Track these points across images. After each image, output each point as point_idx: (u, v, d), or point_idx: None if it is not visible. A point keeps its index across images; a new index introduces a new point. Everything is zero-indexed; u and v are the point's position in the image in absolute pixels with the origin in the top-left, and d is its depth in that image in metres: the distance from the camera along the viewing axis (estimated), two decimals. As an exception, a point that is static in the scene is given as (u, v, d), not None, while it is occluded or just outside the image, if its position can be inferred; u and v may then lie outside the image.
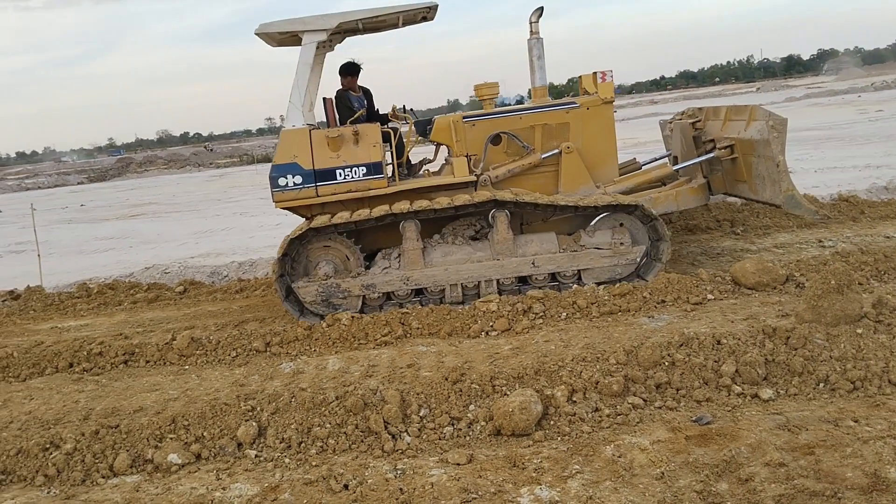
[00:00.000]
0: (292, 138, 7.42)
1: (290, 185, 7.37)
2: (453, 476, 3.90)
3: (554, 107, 7.86)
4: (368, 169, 7.36)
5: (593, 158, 7.84)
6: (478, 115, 7.88)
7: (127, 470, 4.43)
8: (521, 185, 7.72)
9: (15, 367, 6.57)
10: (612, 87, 7.90)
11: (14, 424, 5.25)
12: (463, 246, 7.35)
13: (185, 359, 6.47)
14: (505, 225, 7.17)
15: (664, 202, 7.78)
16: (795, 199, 7.05)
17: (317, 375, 5.58)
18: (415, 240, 7.20)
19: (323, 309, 7.28)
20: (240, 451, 4.53)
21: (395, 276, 7.21)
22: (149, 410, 5.22)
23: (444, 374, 4.98)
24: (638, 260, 7.18)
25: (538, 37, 7.99)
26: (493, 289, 7.20)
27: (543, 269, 7.20)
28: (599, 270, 7.19)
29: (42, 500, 4.20)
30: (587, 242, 7.23)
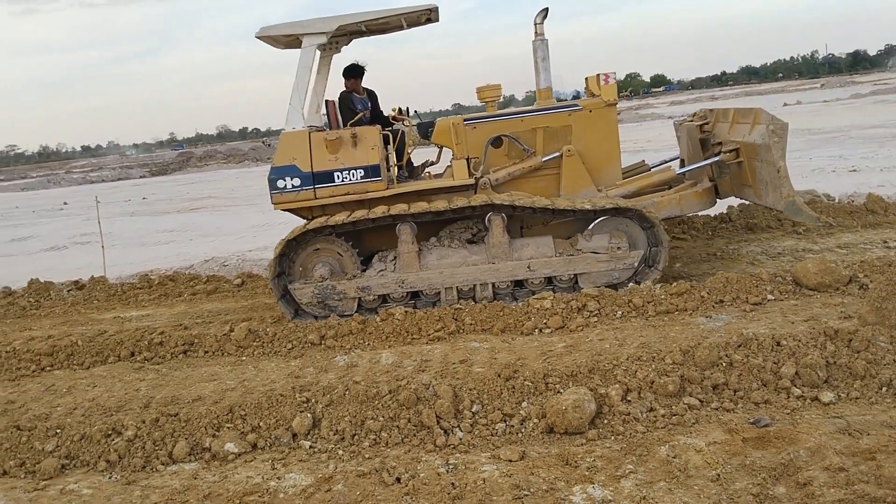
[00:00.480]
0: (291, 141, 7.46)
1: (289, 188, 7.42)
2: (505, 472, 3.90)
3: (556, 109, 7.80)
4: (366, 171, 7.36)
5: (596, 161, 7.74)
6: (479, 118, 7.83)
7: (185, 457, 4.53)
8: (522, 189, 7.65)
9: (79, 355, 6.77)
10: (615, 89, 7.80)
11: (78, 411, 5.42)
12: (459, 249, 7.35)
13: (242, 350, 6.58)
14: (500, 228, 7.16)
15: (667, 206, 7.65)
16: (796, 205, 6.88)
17: (370, 369, 5.62)
18: (410, 242, 7.22)
19: (319, 310, 7.37)
20: (294, 441, 4.59)
21: (391, 278, 7.25)
22: (207, 400, 5.33)
23: (496, 370, 4.97)
24: (636, 265, 7.11)
25: (543, 38, 7.91)
26: (488, 292, 7.21)
27: (539, 274, 7.18)
28: (596, 275, 7.15)
29: (104, 484, 4.32)
30: (584, 247, 7.17)
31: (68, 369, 6.60)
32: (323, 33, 7.48)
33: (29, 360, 6.75)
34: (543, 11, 7.89)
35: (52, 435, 4.83)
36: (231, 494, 4.00)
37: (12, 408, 5.67)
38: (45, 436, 4.83)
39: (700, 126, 8.20)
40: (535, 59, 7.96)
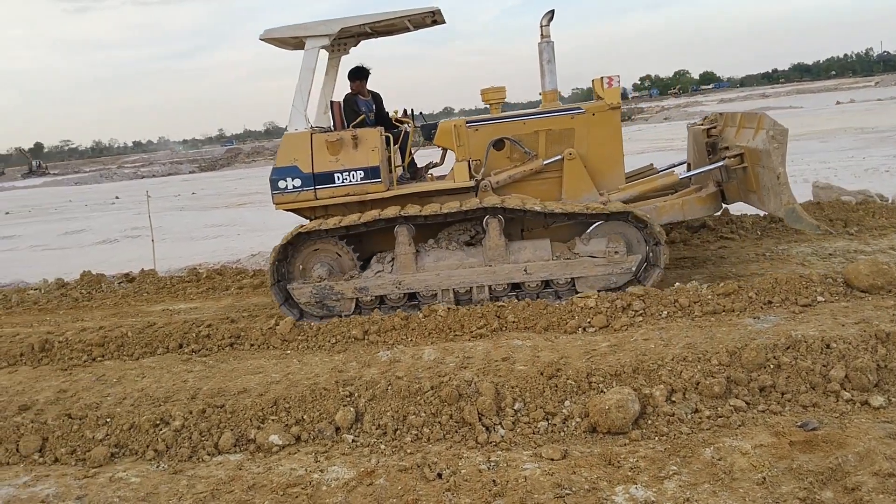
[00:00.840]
0: (293, 142, 7.52)
1: (290, 188, 7.47)
2: (547, 471, 3.89)
3: (559, 112, 7.73)
4: (366, 173, 7.39)
5: (599, 165, 7.66)
6: (481, 120, 7.80)
7: (231, 448, 4.60)
8: (523, 191, 7.62)
9: (129, 347, 6.91)
10: (619, 92, 7.69)
11: (127, 401, 5.54)
12: (456, 251, 7.31)
13: (287, 343, 6.66)
14: (497, 231, 7.12)
15: (669, 211, 7.53)
16: (796, 212, 6.77)
17: (413, 365, 5.65)
18: (407, 244, 7.21)
19: (317, 310, 7.42)
20: (337, 435, 4.63)
21: (388, 279, 7.26)
22: (252, 392, 5.41)
23: (539, 368, 4.96)
24: (633, 269, 7.04)
25: (549, 40, 7.82)
26: (484, 295, 7.18)
27: (536, 277, 7.13)
28: (593, 279, 7.08)
29: (152, 473, 4.41)
30: (581, 250, 7.11)
31: (118, 360, 6.74)
32: (325, 35, 7.55)
33: (81, 351, 6.91)
34: (549, 13, 7.82)
35: (103, 424, 4.94)
36: (275, 486, 4.05)
37: (64, 396, 5.82)
38: (95, 424, 4.94)
39: (707, 130, 8.06)
40: (541, 61, 7.88)
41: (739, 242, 9.04)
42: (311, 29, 7.54)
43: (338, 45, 8.47)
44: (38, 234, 18.75)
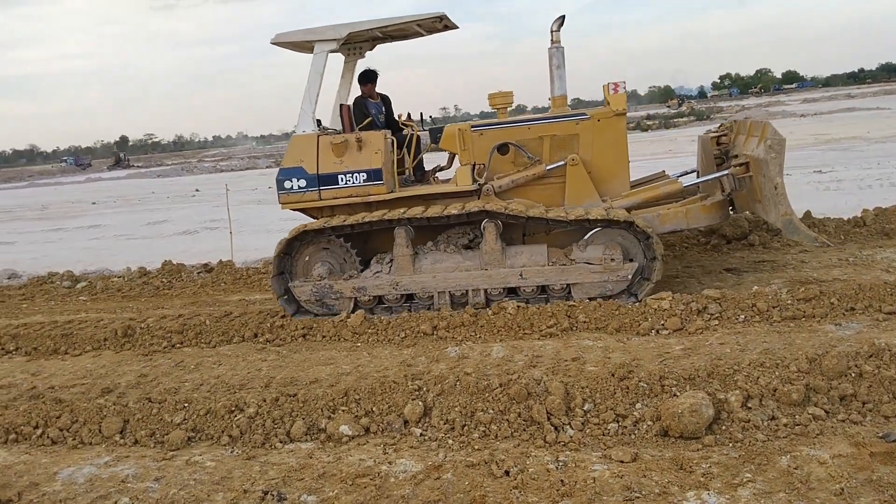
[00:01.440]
0: (300, 143, 7.70)
1: (295, 189, 7.66)
2: (616, 473, 3.84)
3: (563, 118, 7.70)
4: (369, 175, 7.50)
5: (603, 172, 7.63)
6: (486, 125, 7.84)
7: (302, 437, 4.68)
8: (526, 196, 7.63)
9: (207, 335, 7.11)
10: (625, 98, 7.62)
11: (204, 387, 5.71)
12: (453, 254, 7.34)
13: (357, 336, 6.74)
14: (493, 235, 7.12)
15: (673, 219, 7.37)
16: (793, 224, 6.64)
17: (481, 361, 5.65)
18: (405, 246, 7.26)
19: (317, 308, 7.51)
20: (406, 428, 4.67)
21: (385, 280, 7.31)
22: (323, 383, 5.50)
23: (610, 369, 4.90)
24: (629, 277, 6.91)
25: (558, 45, 7.81)
26: (480, 298, 7.17)
27: (531, 282, 7.09)
28: (589, 286, 6.99)
29: (226, 458, 4.52)
30: (578, 257, 7.05)
31: (196, 347, 6.95)
32: (334, 40, 7.69)
33: (161, 337, 7.15)
34: (560, 19, 7.83)
35: (181, 408, 5.09)
36: (344, 475, 4.11)
37: (145, 381, 6.02)
38: (173, 409, 5.10)
39: (716, 138, 7.87)
40: (550, 66, 7.86)
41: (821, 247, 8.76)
42: (319, 33, 7.72)
43: (353, 49, 8.66)
44: (123, 225, 19.45)
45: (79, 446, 4.89)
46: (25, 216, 25.76)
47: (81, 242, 16.56)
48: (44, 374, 6.52)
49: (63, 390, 5.92)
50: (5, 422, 5.18)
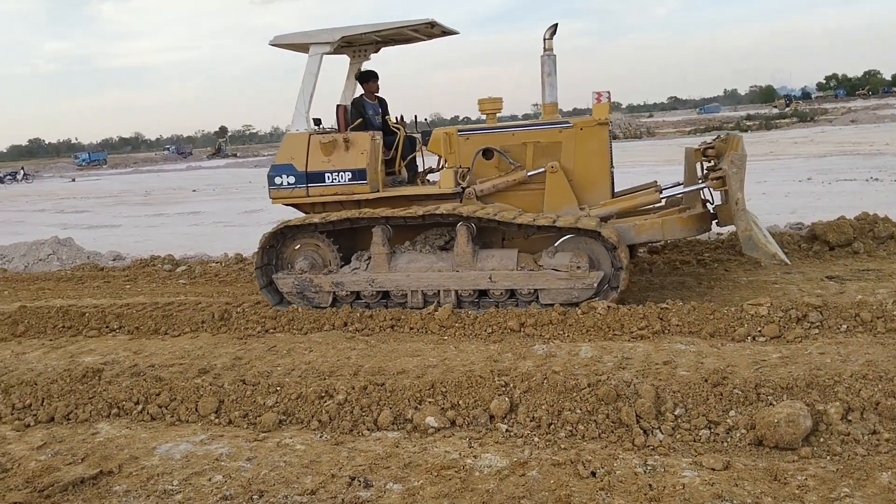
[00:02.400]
0: (293, 141, 8.04)
1: (285, 185, 8.01)
2: (707, 480, 3.74)
3: (547, 125, 7.81)
4: (354, 174, 7.78)
5: (584, 180, 7.69)
6: (472, 129, 8.05)
7: (389, 426, 4.74)
8: (508, 201, 7.77)
9: (299, 322, 7.27)
10: (607, 108, 7.64)
11: (295, 372, 5.84)
12: (428, 255, 7.55)
13: (444, 329, 6.77)
14: (465, 238, 7.26)
15: (648, 230, 7.32)
16: (752, 240, 6.57)
17: (569, 361, 5.60)
18: (381, 244, 7.49)
19: (298, 300, 7.82)
20: (491, 423, 4.67)
21: (362, 277, 7.58)
22: (410, 374, 5.55)
23: (703, 375, 4.77)
24: (595, 285, 6.97)
25: (550, 53, 7.87)
26: (451, 299, 7.34)
27: (500, 285, 7.23)
28: (556, 292, 7.07)
29: (315, 442, 4.62)
30: (546, 263, 7.12)
31: (289, 333, 7.11)
32: (327, 43, 7.97)
33: (255, 322, 7.35)
34: (553, 27, 7.91)
35: (273, 392, 5.23)
36: (429, 466, 4.14)
37: (239, 363, 6.21)
38: (266, 392, 5.24)
39: (702, 150, 7.65)
40: (542, 73, 7.92)
41: (933, 257, 8.32)
42: (314, 36, 8.01)
43: (357, 52, 9.00)
44: (221, 212, 20.09)
45: (176, 423, 5.09)
46: (130, 201, 26.93)
47: (182, 228, 17.20)
48: (145, 352, 6.80)
49: (162, 369, 6.16)
50: (108, 396, 5.42)
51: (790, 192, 15.07)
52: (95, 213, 22.96)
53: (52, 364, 6.57)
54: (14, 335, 7.67)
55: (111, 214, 21.99)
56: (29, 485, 4.25)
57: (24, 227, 18.59)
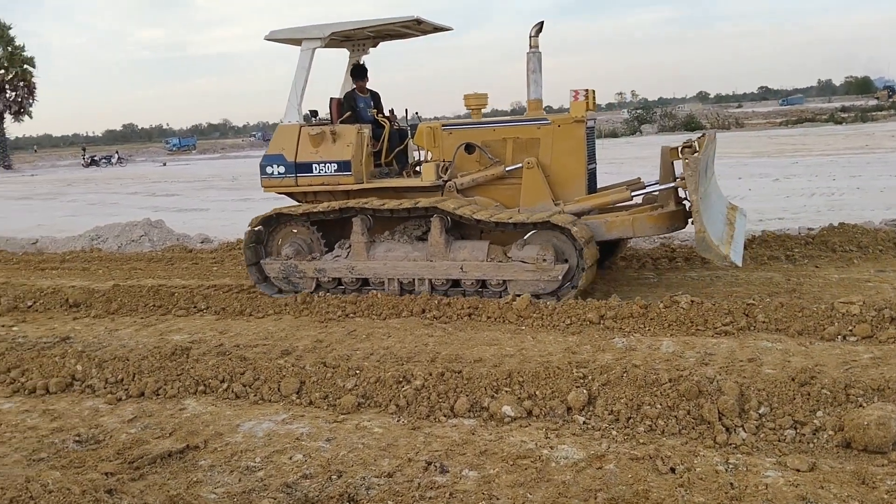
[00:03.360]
0: (284, 133, 8.42)
1: (275, 174, 8.40)
2: (791, 481, 3.64)
3: (526, 122, 8.04)
4: (339, 166, 8.10)
5: (560, 176, 7.88)
6: (455, 124, 8.32)
7: (465, 413, 4.76)
8: (488, 195, 8.05)
9: (378, 307, 7.36)
10: (584, 106, 7.80)
11: (374, 356, 5.93)
12: (405, 244, 7.87)
13: (522, 319, 6.75)
14: (438, 229, 7.54)
15: (619, 227, 7.49)
16: (705, 241, 6.63)
17: (649, 355, 5.52)
18: (360, 234, 7.85)
19: (284, 285, 8.28)
20: (568, 415, 4.63)
21: (342, 264, 7.97)
22: (487, 362, 5.56)
23: (790, 373, 4.63)
24: (559, 278, 7.16)
25: (536, 51, 8.05)
26: (425, 287, 7.65)
27: (471, 276, 7.50)
28: (523, 283, 7.30)
29: (392, 426, 4.68)
30: (515, 255, 7.36)
31: (368, 318, 7.21)
32: (318, 38, 8.35)
33: (336, 307, 7.48)
34: (538, 25, 8.08)
35: (352, 375, 5.31)
36: (505, 455, 4.14)
37: (320, 346, 6.34)
38: (346, 375, 5.32)
39: (678, 149, 7.47)
40: (527, 70, 8.11)
41: None
42: (305, 32, 8.38)
43: (357, 46, 9.33)
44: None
45: (259, 402, 5.22)
46: (218, 185, 27.70)
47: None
48: (230, 332, 7.00)
49: (247, 349, 6.34)
50: (196, 374, 5.61)
51: (886, 187, 14.43)
52: (185, 196, 23.71)
53: (142, 341, 6.85)
54: (108, 312, 8.01)
55: (200, 198, 22.67)
56: (120, 456, 4.44)
57: (118, 209, 19.35)
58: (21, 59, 52.90)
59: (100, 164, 54.13)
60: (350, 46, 9.31)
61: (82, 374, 5.83)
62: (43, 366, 5.97)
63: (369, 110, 8.76)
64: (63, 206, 22.50)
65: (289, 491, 3.86)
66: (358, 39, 9.15)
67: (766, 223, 10.91)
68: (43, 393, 5.63)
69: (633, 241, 9.93)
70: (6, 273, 11.10)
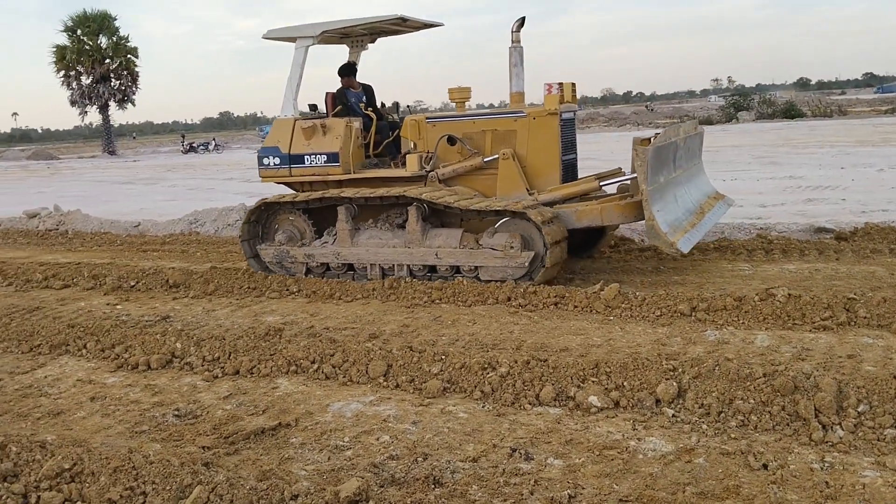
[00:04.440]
0: (280, 126, 8.99)
1: (271, 165, 9.00)
2: (890, 482, 3.49)
3: (504, 114, 8.43)
4: (328, 157, 8.63)
5: (535, 167, 8.21)
6: (438, 117, 8.78)
7: (551, 402, 4.74)
8: (468, 185, 8.45)
9: (463, 294, 7.39)
10: (557, 99, 8.15)
11: (459, 342, 5.97)
12: (386, 232, 8.27)
13: (610, 310, 6.67)
14: (415, 217, 7.93)
15: (588, 216, 7.75)
16: (654, 229, 7.06)
17: (743, 349, 5.38)
18: (345, 221, 8.29)
19: (277, 269, 8.76)
20: (657, 407, 4.56)
21: (329, 250, 8.45)
22: (573, 352, 5.53)
23: (892, 371, 4.44)
24: (526, 264, 7.50)
25: (518, 45, 8.41)
26: (404, 272, 8.04)
27: (445, 262, 7.87)
28: (493, 269, 7.67)
29: (477, 412, 4.71)
30: (485, 242, 7.73)
31: (453, 304, 7.25)
32: (311, 36, 8.88)
33: (422, 292, 7.55)
34: (520, 20, 8.42)
35: (438, 360, 5.36)
36: (591, 445, 4.12)
37: (407, 331, 6.42)
38: (432, 360, 5.37)
39: (648, 140, 7.31)
40: (510, 64, 8.47)
41: None
42: (299, 31, 8.94)
43: (356, 42, 9.85)
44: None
45: (348, 384, 5.33)
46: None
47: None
48: (320, 315, 7.17)
49: (336, 331, 6.48)
50: (288, 354, 5.76)
51: None
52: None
53: (238, 321, 7.08)
54: (205, 293, 8.31)
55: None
56: (216, 431, 4.61)
57: (214, 194, 19.99)
58: (125, 49, 54.95)
59: (198, 150, 55.94)
60: (349, 43, 9.89)
61: (181, 351, 6.08)
62: (145, 343, 6.26)
63: (360, 104, 9.27)
64: (164, 190, 23.39)
65: (376, 471, 3.94)
66: (355, 37, 9.72)
67: (869, 215, 10.43)
68: (145, 368, 5.90)
69: (729, 232, 9.68)
70: (111, 254, 11.66)
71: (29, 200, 19.45)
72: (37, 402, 5.30)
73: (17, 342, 6.64)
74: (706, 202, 8.57)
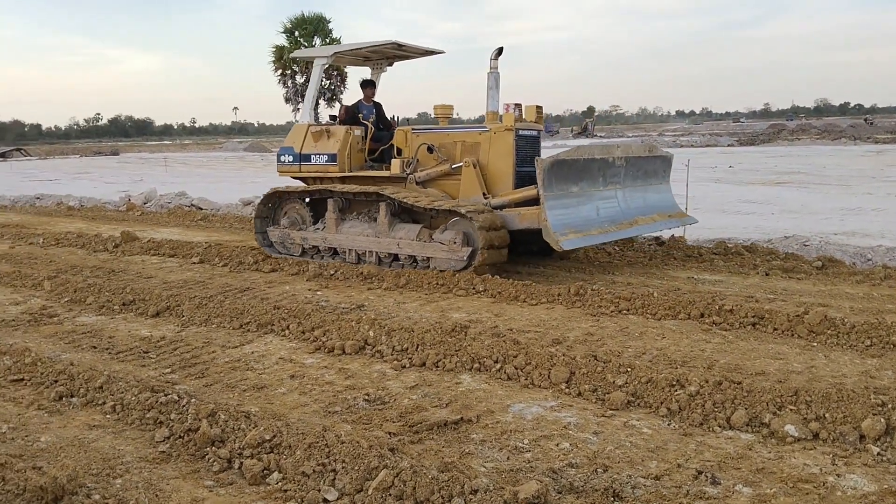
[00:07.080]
0: (297, 130, 10.80)
1: (286, 162, 10.77)
2: None
3: (471, 128, 9.97)
4: (329, 158, 10.29)
5: (493, 175, 9.48)
6: (421, 129, 10.21)
7: (742, 426, 4.51)
8: (440, 188, 9.74)
9: (653, 306, 7.18)
10: (513, 117, 9.37)
11: (646, 356, 5.81)
12: (363, 223, 9.74)
13: (813, 335, 6.24)
14: (384, 212, 9.37)
15: (528, 218, 8.69)
16: (546, 228, 8.23)
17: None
18: (332, 211, 9.92)
19: (281, 249, 10.54)
20: (861, 443, 4.22)
21: (319, 236, 10.11)
22: (770, 377, 5.23)
23: None
24: (465, 258, 8.68)
25: (494, 72, 9.64)
26: (373, 259, 9.52)
27: (404, 251, 9.22)
28: (441, 260, 8.92)
29: (662, 429, 4.56)
30: (437, 237, 8.98)
31: (641, 316, 7.07)
32: (325, 57, 10.81)
33: (609, 302, 7.42)
34: (498, 50, 9.58)
35: (623, 372, 5.24)
36: (785, 476, 3.87)
37: (591, 339, 6.34)
38: (616, 371, 5.27)
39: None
40: (487, 87, 9.70)
41: None
42: (315, 52, 11.44)
43: (376, 64, 11.56)
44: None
45: (529, 386, 5.34)
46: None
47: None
48: (505, 316, 7.23)
49: (520, 333, 6.51)
50: (472, 351, 5.87)
51: None
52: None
53: (426, 315, 7.30)
54: (397, 286, 8.64)
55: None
56: (402, 419, 4.78)
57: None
58: (336, 50, 58.28)
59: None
60: (371, 65, 11.61)
61: (373, 339, 6.35)
62: (341, 328, 6.60)
63: (371, 117, 10.80)
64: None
65: (554, 476, 3.92)
66: (375, 60, 11.42)
67: None
68: (339, 353, 6.23)
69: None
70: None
71: (244, 189, 21.09)
72: (244, 375, 5.74)
73: (230, 318, 7.21)
74: (648, 218, 9.63)
